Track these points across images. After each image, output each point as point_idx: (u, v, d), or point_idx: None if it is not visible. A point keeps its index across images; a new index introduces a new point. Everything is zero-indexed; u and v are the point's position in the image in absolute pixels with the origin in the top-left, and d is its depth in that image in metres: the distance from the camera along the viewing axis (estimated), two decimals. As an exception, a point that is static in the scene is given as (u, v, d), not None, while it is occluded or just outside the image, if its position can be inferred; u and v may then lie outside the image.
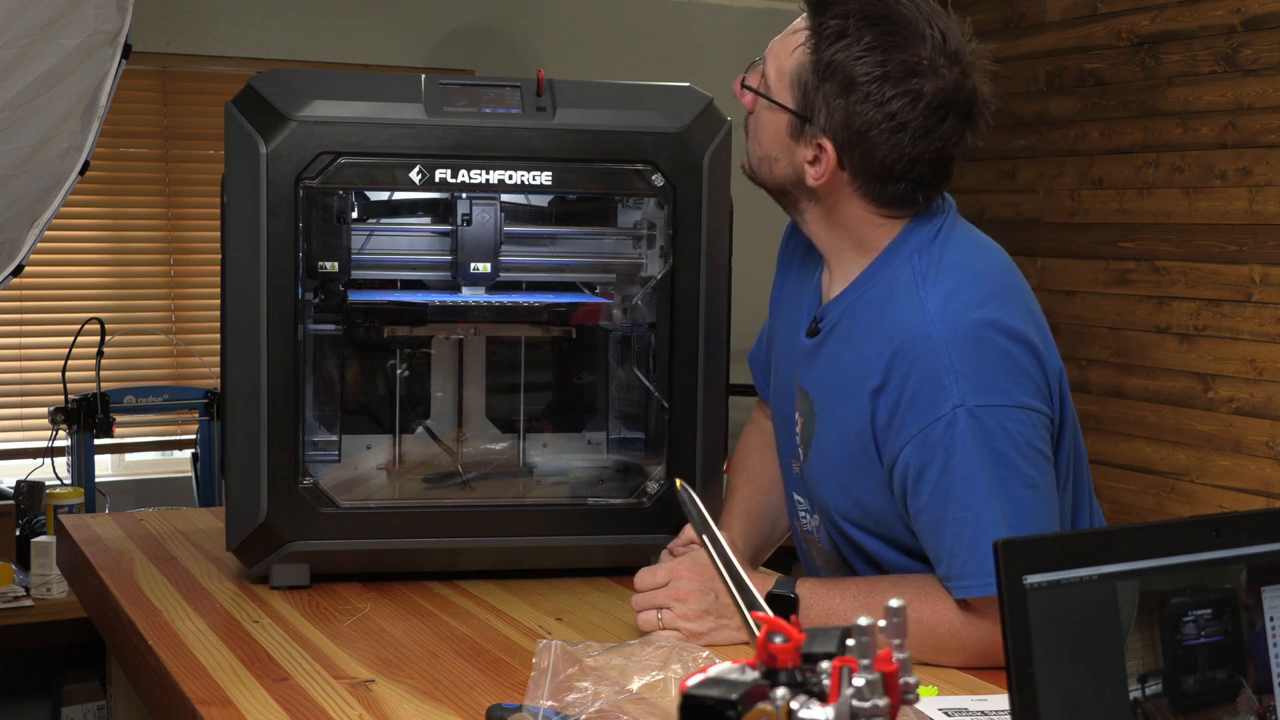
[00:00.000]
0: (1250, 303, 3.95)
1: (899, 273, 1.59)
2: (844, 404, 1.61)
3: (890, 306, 1.57)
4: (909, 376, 1.52)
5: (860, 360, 1.58)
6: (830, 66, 1.55)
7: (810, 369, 1.67)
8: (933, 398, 1.51)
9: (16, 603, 3.52)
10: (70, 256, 4.52)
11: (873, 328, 1.58)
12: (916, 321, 1.53)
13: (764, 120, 1.64)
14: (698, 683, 0.82)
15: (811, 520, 1.76)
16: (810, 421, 1.67)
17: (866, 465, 1.59)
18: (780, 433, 1.80)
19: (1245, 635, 1.02)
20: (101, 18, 2.52)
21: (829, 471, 1.65)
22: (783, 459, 1.81)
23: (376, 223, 2.01)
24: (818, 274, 1.74)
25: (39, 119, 2.53)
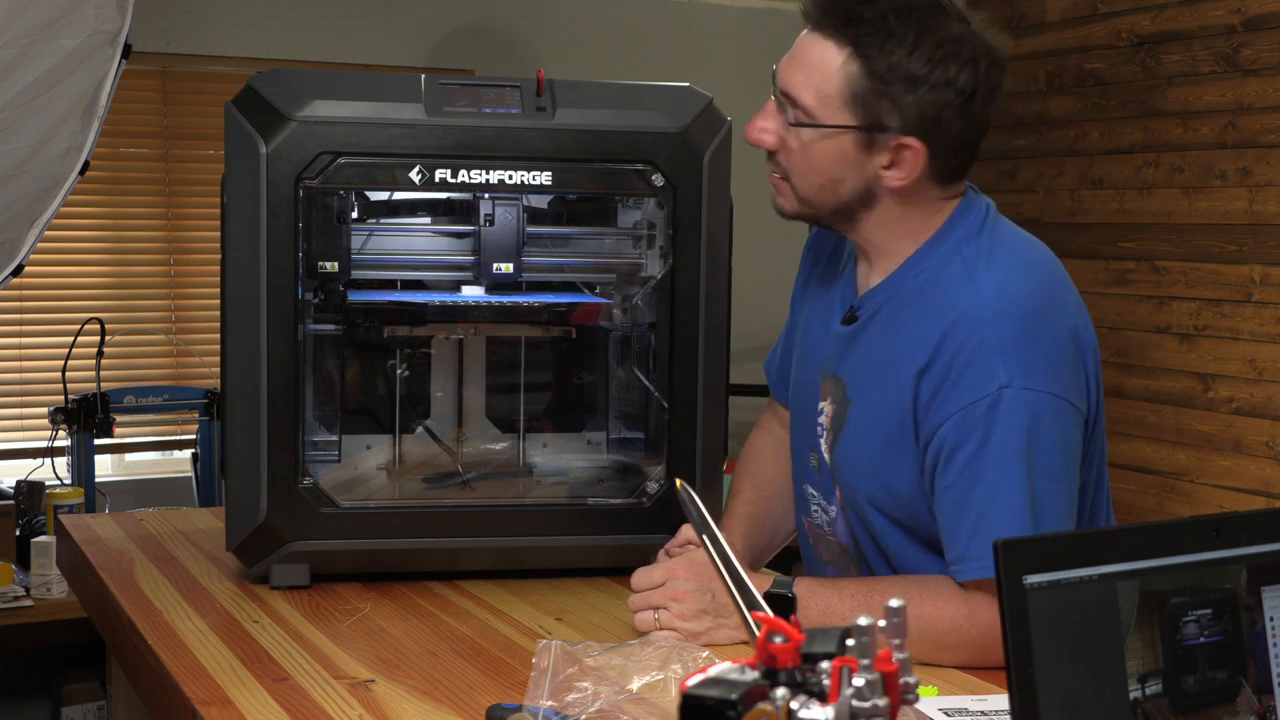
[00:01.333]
0: (1250, 303, 3.95)
1: (947, 260, 1.61)
2: (884, 387, 1.61)
3: (941, 290, 1.59)
4: (958, 354, 1.53)
5: (905, 343, 1.59)
6: (891, 70, 1.55)
7: (845, 356, 1.68)
8: (979, 376, 1.52)
9: (16, 603, 3.52)
10: (70, 256, 4.52)
11: (922, 312, 1.59)
12: (970, 302, 1.55)
13: (818, 150, 1.61)
14: (698, 683, 0.82)
15: (826, 514, 1.76)
16: (842, 408, 1.68)
17: (902, 447, 1.60)
18: (799, 427, 1.80)
19: (1245, 635, 1.02)
20: (101, 18, 2.52)
21: (863, 456, 1.65)
22: (797, 453, 1.81)
23: (376, 223, 2.01)
24: (849, 268, 1.75)
25: (39, 119, 2.53)
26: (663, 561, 1.69)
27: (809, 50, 1.59)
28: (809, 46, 1.59)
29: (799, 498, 1.83)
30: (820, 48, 1.58)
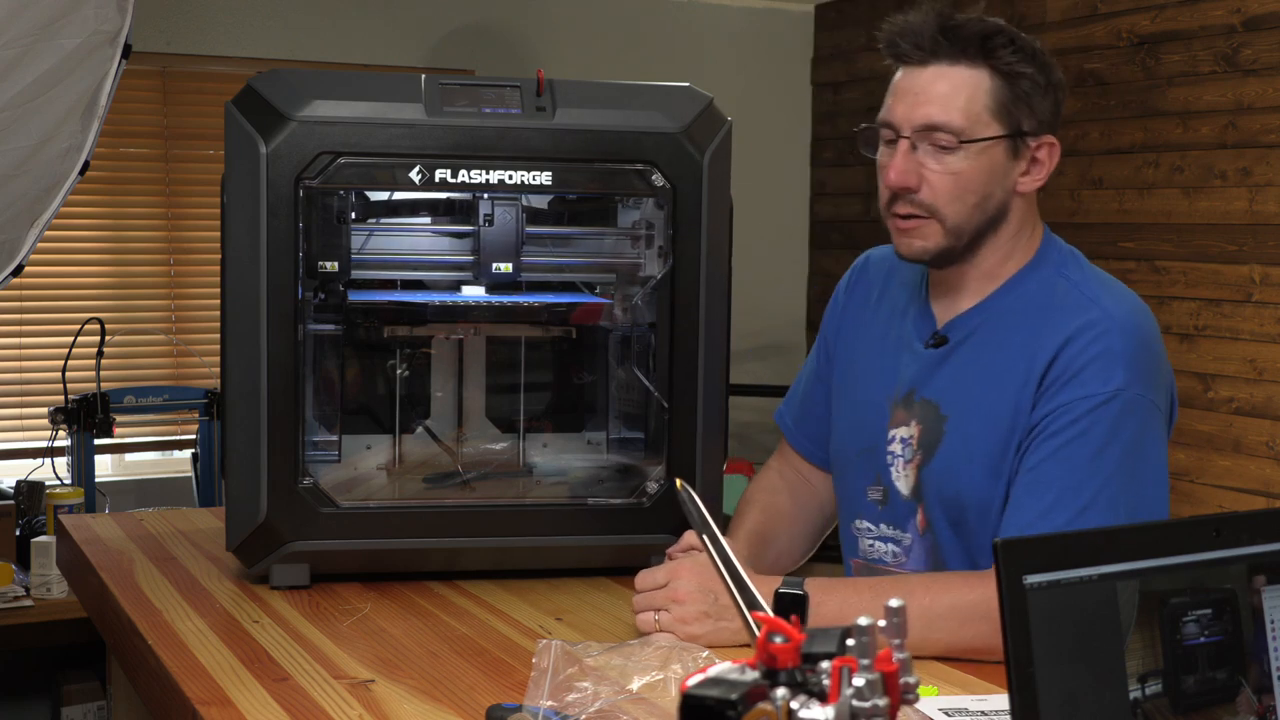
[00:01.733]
0: (1250, 303, 3.95)
1: (1049, 283, 1.71)
2: (991, 398, 1.67)
3: (1055, 307, 1.68)
4: (1078, 357, 1.61)
5: (1017, 357, 1.66)
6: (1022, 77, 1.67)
7: (931, 378, 1.74)
8: (1097, 376, 1.60)
9: (16, 603, 3.52)
10: (70, 256, 4.52)
11: (1034, 327, 1.67)
12: (1094, 314, 1.64)
13: (970, 170, 1.67)
14: (698, 683, 0.82)
15: (895, 545, 1.77)
16: (936, 424, 1.72)
17: (1009, 452, 1.65)
18: (852, 466, 1.83)
19: (1245, 635, 1.02)
20: (101, 18, 2.52)
21: (974, 465, 1.68)
22: (849, 492, 1.84)
23: (376, 223, 2.01)
24: (915, 302, 1.81)
25: (39, 119, 2.53)
26: (666, 564, 1.69)
27: (936, 81, 1.67)
28: (935, 78, 1.67)
29: (847, 539, 1.86)
30: (949, 74, 1.66)
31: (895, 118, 1.69)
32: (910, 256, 1.72)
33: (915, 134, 1.67)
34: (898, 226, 1.71)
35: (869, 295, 1.91)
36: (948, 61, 1.66)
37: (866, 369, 1.85)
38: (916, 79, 1.68)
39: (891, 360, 1.81)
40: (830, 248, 5.52)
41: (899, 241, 1.72)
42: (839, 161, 5.51)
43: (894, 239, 1.73)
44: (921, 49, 1.67)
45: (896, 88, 1.70)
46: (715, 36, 5.41)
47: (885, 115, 1.71)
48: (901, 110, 1.68)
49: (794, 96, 5.61)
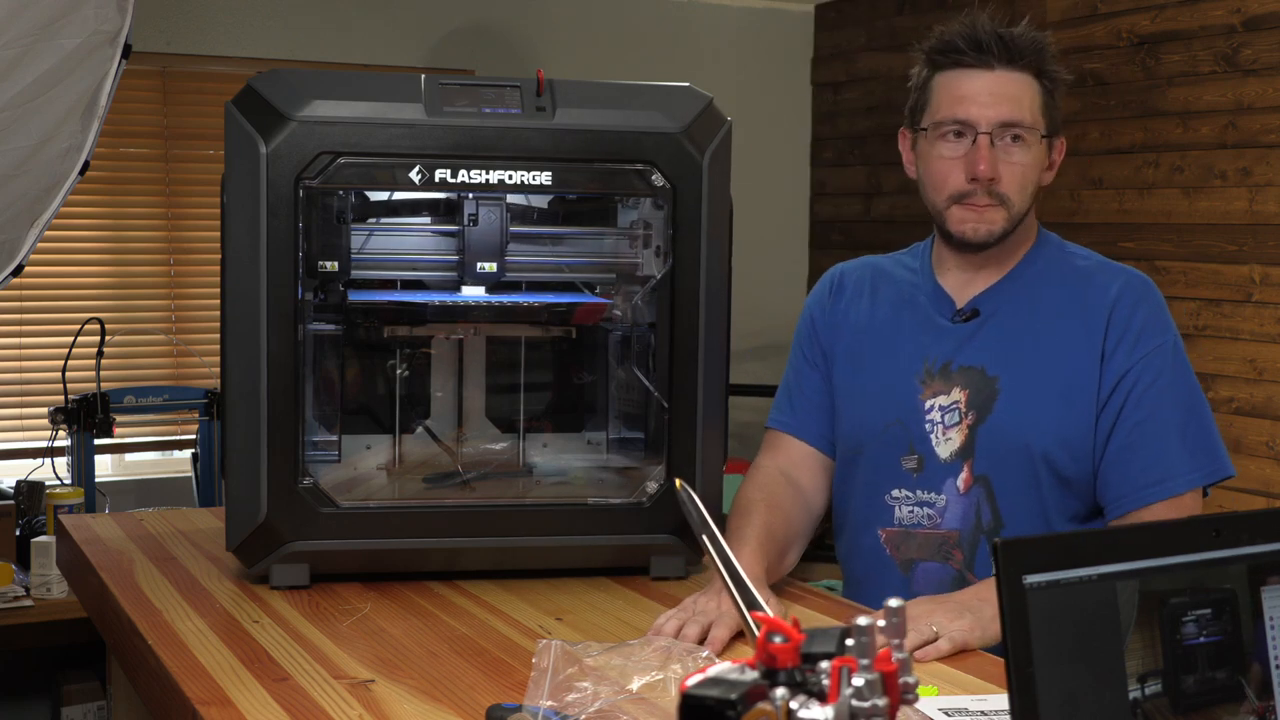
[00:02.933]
0: (1250, 303, 3.95)
1: (1057, 259, 1.95)
2: (1040, 353, 1.88)
3: (1085, 273, 1.92)
4: (1133, 315, 1.87)
5: (1062, 316, 1.89)
6: (1055, 83, 1.92)
7: (966, 346, 1.92)
8: (1155, 328, 1.87)
9: (16, 603, 3.52)
10: (70, 256, 4.52)
11: (1072, 289, 1.91)
12: (1125, 275, 1.91)
13: (1030, 162, 1.88)
14: (697, 683, 0.82)
15: (929, 509, 1.90)
16: (986, 385, 1.89)
17: (1080, 399, 1.85)
18: (879, 439, 1.95)
19: (1245, 635, 1.02)
20: (101, 18, 2.52)
21: (1038, 416, 1.86)
22: (876, 464, 1.95)
23: (376, 223, 2.01)
24: (921, 290, 1.99)
25: (39, 119, 2.53)
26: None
27: (1004, 83, 1.86)
28: (1002, 81, 1.86)
29: (875, 512, 1.95)
30: (1012, 78, 1.87)
31: (971, 116, 1.85)
32: (977, 240, 1.89)
33: (995, 131, 1.85)
34: (972, 211, 1.87)
35: (858, 296, 2.05)
36: (1006, 67, 1.86)
37: (881, 354, 1.98)
38: (981, 81, 1.86)
39: (911, 341, 1.96)
40: (830, 248, 5.52)
41: (967, 225, 1.88)
42: (839, 161, 5.51)
43: (957, 224, 1.88)
44: (987, 54, 1.85)
45: (960, 90, 1.87)
46: (715, 36, 5.41)
47: (956, 114, 1.86)
48: (976, 110, 1.85)
49: (794, 96, 5.61)
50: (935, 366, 1.94)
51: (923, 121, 1.92)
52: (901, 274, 2.04)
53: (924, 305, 1.98)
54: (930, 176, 1.91)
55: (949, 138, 1.87)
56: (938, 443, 1.91)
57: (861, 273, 2.08)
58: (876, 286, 2.05)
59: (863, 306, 2.04)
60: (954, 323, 1.95)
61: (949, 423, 1.91)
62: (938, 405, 1.93)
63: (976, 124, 1.85)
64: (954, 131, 1.87)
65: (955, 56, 1.87)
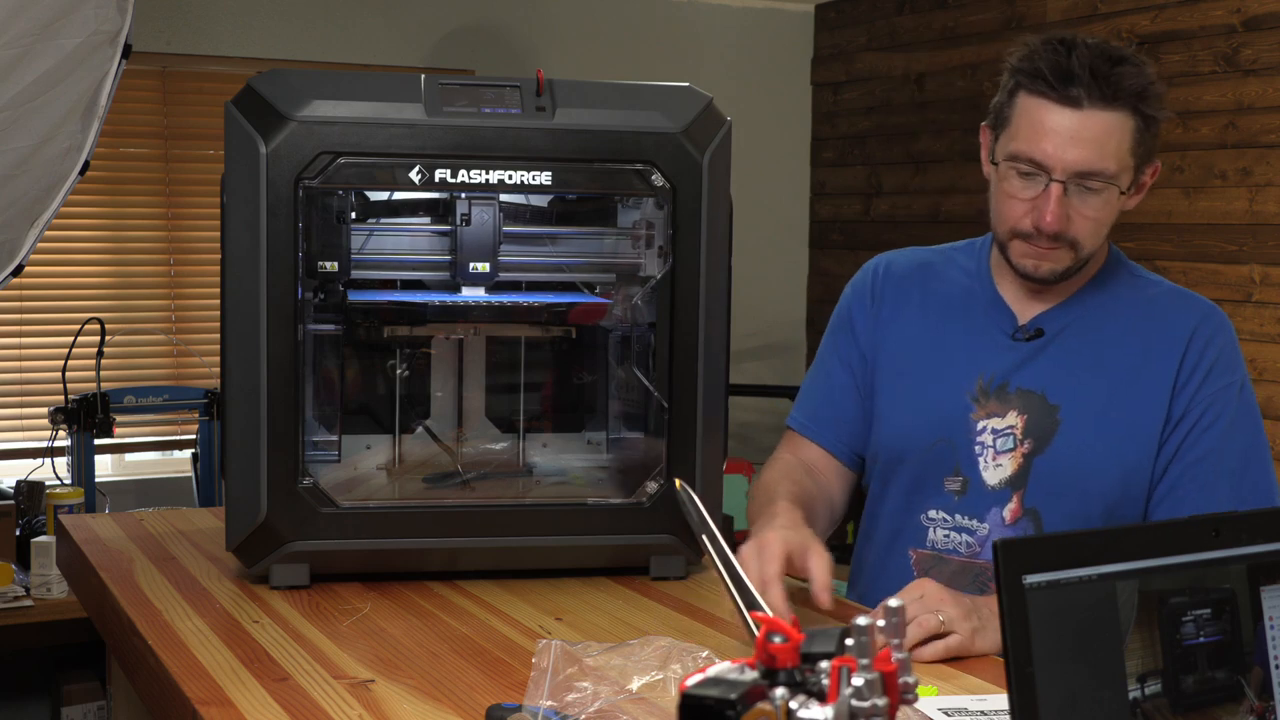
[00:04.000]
0: (1250, 303, 3.95)
1: (1129, 282, 1.85)
2: (1105, 386, 1.79)
3: (1160, 302, 1.83)
4: (1207, 348, 1.79)
5: (1130, 347, 1.80)
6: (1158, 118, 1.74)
7: (1027, 368, 1.82)
8: (1226, 366, 1.79)
9: (16, 603, 3.52)
10: (70, 256, 4.52)
11: (1145, 319, 1.81)
12: (1202, 308, 1.83)
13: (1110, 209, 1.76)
14: (697, 683, 0.82)
15: (967, 535, 1.80)
16: (1046, 413, 1.79)
17: (1143, 429, 1.77)
18: (923, 457, 1.85)
19: (1245, 635, 1.02)
20: (101, 18, 2.52)
21: (1091, 450, 1.77)
22: (923, 484, 1.85)
23: (376, 223, 2.01)
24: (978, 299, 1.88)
25: (39, 119, 2.53)
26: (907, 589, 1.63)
27: (1096, 127, 1.69)
28: (1088, 122, 1.68)
29: (909, 530, 1.87)
30: (1102, 119, 1.69)
31: (1047, 159, 1.70)
32: (1039, 277, 1.78)
33: (1070, 179, 1.70)
34: (1036, 251, 1.75)
35: (906, 299, 1.94)
36: (1101, 106, 1.68)
37: (931, 364, 1.88)
38: (1066, 120, 1.69)
39: (965, 354, 1.85)
40: (830, 248, 5.52)
41: (1029, 264, 1.77)
42: (839, 161, 5.51)
43: (1021, 257, 1.77)
44: (1077, 91, 1.68)
45: (1040, 124, 1.70)
46: (715, 36, 5.41)
47: (1032, 151, 1.70)
48: (1053, 150, 1.69)
49: (794, 96, 5.61)
50: (991, 386, 1.83)
51: (999, 139, 1.77)
52: (955, 275, 1.91)
53: (981, 315, 1.87)
54: (996, 206, 1.78)
55: (1020, 174, 1.73)
56: (985, 467, 1.82)
57: (909, 269, 1.96)
58: (927, 286, 1.93)
59: (911, 308, 1.93)
60: (1015, 340, 1.84)
61: (1001, 448, 1.81)
62: (990, 427, 1.82)
63: (1051, 169, 1.70)
64: (1025, 171, 1.72)
65: (1042, 87, 1.70)
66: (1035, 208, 1.72)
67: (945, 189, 5.00)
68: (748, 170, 3.34)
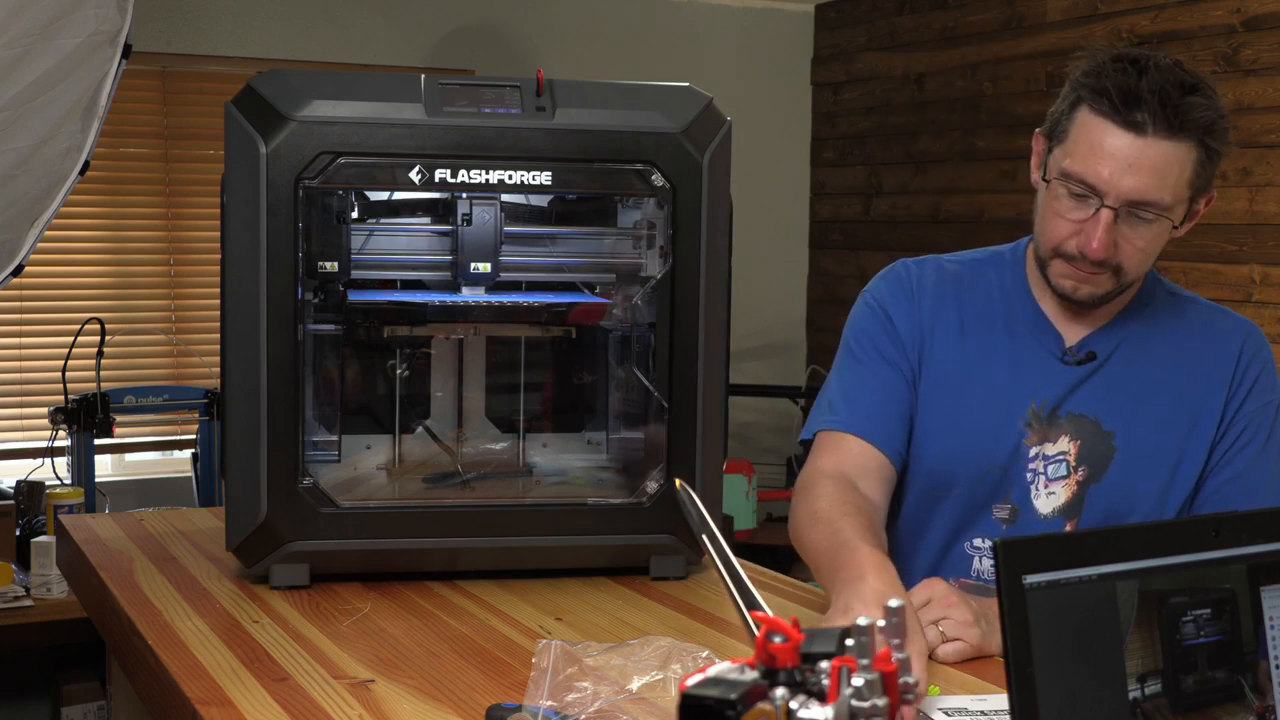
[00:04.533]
0: (1250, 303, 3.95)
1: (1165, 301, 1.83)
2: (1155, 411, 1.76)
3: (1201, 321, 1.82)
4: (1251, 365, 1.79)
5: (1175, 370, 1.78)
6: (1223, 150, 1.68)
7: (1078, 392, 1.78)
8: (1268, 384, 1.80)
9: (16, 603, 3.53)
10: (70, 256, 4.52)
11: (1189, 340, 1.80)
12: (1244, 325, 1.83)
13: (1159, 239, 1.69)
14: (697, 683, 0.82)
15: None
16: (1101, 440, 1.76)
17: (1194, 454, 1.76)
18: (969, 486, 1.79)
19: (1245, 635, 1.02)
20: (101, 18, 2.52)
21: (1144, 480, 1.75)
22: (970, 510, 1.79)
23: (376, 223, 2.01)
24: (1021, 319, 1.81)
25: (39, 119, 2.53)
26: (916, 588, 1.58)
27: (1157, 156, 1.62)
28: (1158, 153, 1.62)
29: (952, 557, 1.80)
30: (1165, 149, 1.62)
31: (1101, 182, 1.63)
32: (1080, 298, 1.73)
33: (1122, 207, 1.64)
34: (1078, 273, 1.70)
35: (944, 308, 1.84)
36: (1165, 135, 1.62)
37: (980, 386, 1.80)
38: (1124, 143, 1.62)
39: (1015, 376, 1.78)
40: (830, 248, 5.52)
41: (1068, 284, 1.72)
42: (839, 161, 5.51)
43: (1061, 277, 1.72)
44: (1142, 115, 1.61)
45: (1099, 144, 1.63)
46: (715, 36, 5.41)
47: (1085, 173, 1.64)
48: (1109, 175, 1.63)
49: (794, 96, 5.61)
50: (1044, 411, 1.77)
51: (1054, 151, 1.70)
52: (989, 288, 1.83)
53: (1025, 335, 1.80)
54: (1042, 223, 1.72)
55: (1072, 194, 1.66)
56: (1037, 495, 1.76)
57: (941, 276, 1.85)
58: (961, 298, 1.84)
59: (949, 321, 1.83)
60: (1065, 363, 1.78)
61: (1053, 475, 1.76)
62: (1042, 454, 1.77)
63: (1104, 194, 1.63)
64: (1078, 192, 1.65)
65: (1106, 105, 1.63)
66: (1083, 231, 1.66)
67: (945, 189, 5.00)
68: (748, 170, 3.34)
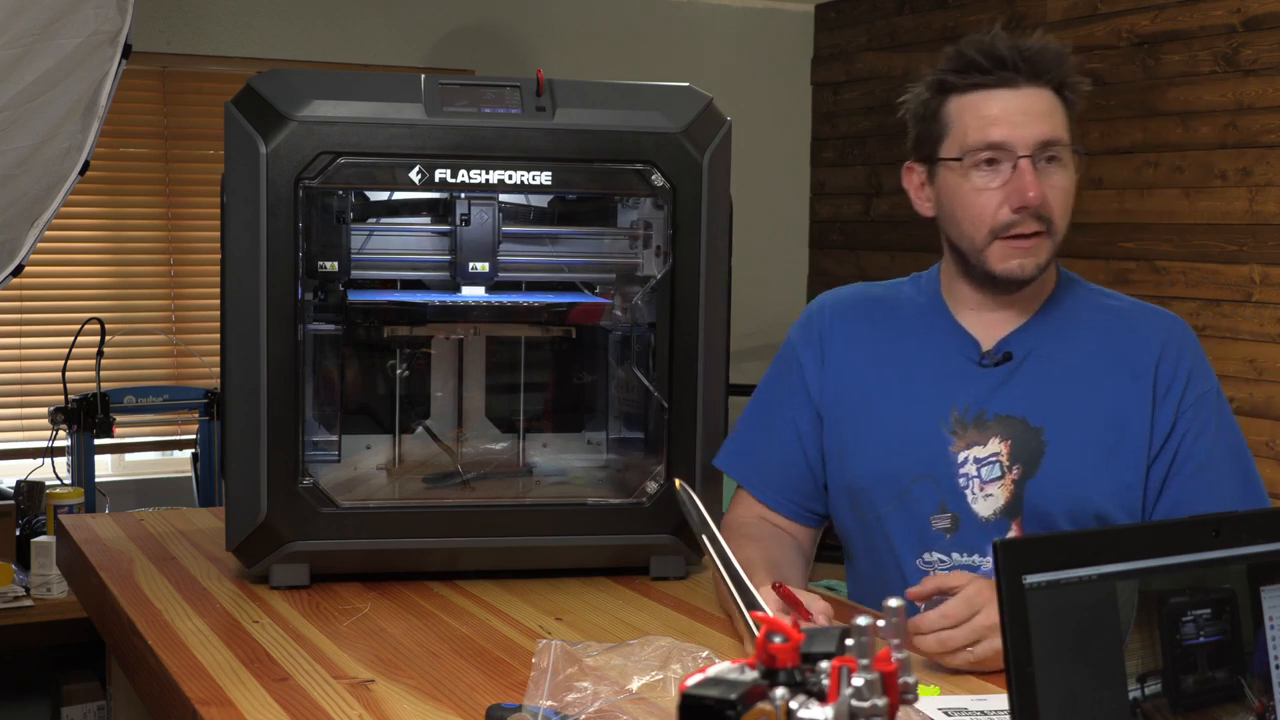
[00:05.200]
0: (1250, 303, 3.95)
1: (1084, 298, 1.83)
2: (1087, 403, 1.76)
3: (1124, 315, 1.81)
4: (1183, 354, 1.78)
5: (1107, 362, 1.77)
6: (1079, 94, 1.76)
7: (1000, 393, 1.78)
8: (1201, 374, 1.78)
9: (16, 603, 3.52)
10: (70, 256, 4.52)
11: (1113, 334, 1.79)
12: (1166, 319, 1.81)
13: (1072, 182, 1.74)
14: (697, 683, 0.82)
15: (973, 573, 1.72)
16: (1030, 436, 1.75)
17: (1132, 443, 1.74)
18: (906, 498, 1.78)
19: (1245, 635, 1.02)
20: (101, 18, 2.52)
21: (1089, 468, 1.75)
22: (913, 525, 1.78)
23: (376, 223, 2.01)
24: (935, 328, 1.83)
25: (39, 119, 2.53)
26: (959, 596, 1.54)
27: (1033, 101, 1.71)
28: (1030, 99, 1.71)
29: (914, 578, 1.76)
30: (1039, 95, 1.71)
31: (1008, 138, 1.69)
32: (1023, 275, 1.74)
33: (1035, 152, 1.69)
34: (1019, 246, 1.72)
35: (854, 335, 1.87)
36: (1030, 83, 1.70)
37: (897, 399, 1.81)
38: (1011, 101, 1.70)
39: (933, 385, 1.80)
40: (830, 248, 5.52)
41: (1014, 262, 1.72)
42: (839, 161, 5.51)
43: (1002, 261, 1.73)
44: (1011, 70, 1.70)
45: (987, 112, 1.70)
46: (715, 36, 5.41)
47: (989, 138, 1.70)
48: (1012, 131, 1.69)
49: (794, 96, 5.61)
50: (968, 415, 1.77)
51: (942, 152, 1.74)
52: (906, 306, 1.86)
53: (942, 344, 1.81)
54: (965, 211, 1.73)
55: (982, 166, 1.70)
56: (975, 499, 1.76)
57: (854, 303, 1.90)
58: (876, 319, 1.87)
59: (862, 344, 1.86)
60: (983, 366, 1.79)
61: (988, 477, 1.76)
62: (973, 457, 1.77)
63: (1015, 147, 1.69)
64: (988, 159, 1.70)
65: (976, 77, 1.71)
66: (1013, 189, 1.69)
67: (945, 189, 5.00)
68: (748, 170, 3.34)
